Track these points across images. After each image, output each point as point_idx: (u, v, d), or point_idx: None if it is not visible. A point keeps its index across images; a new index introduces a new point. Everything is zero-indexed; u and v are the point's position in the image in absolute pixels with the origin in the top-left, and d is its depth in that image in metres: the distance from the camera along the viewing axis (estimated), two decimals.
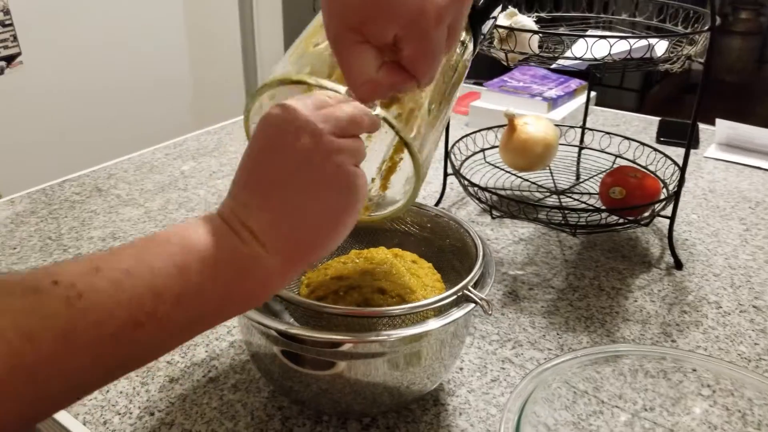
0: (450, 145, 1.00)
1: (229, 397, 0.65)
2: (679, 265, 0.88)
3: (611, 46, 0.71)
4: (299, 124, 0.43)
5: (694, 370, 0.63)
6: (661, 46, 0.75)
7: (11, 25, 1.54)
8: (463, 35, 0.55)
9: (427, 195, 1.07)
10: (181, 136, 1.31)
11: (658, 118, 1.46)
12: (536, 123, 0.96)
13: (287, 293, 0.56)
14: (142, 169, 1.16)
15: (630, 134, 1.31)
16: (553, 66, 0.78)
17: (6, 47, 1.55)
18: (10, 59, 1.57)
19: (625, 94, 4.33)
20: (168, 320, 0.38)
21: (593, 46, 0.72)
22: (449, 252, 0.68)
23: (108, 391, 0.66)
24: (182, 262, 0.39)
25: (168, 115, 2.09)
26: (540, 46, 0.84)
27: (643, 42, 0.72)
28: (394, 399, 0.60)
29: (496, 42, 0.81)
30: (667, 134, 1.36)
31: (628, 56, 0.72)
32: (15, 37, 1.57)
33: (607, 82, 4.38)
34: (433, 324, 0.54)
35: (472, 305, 0.56)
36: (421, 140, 0.51)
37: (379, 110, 0.48)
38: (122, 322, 0.36)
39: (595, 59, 0.73)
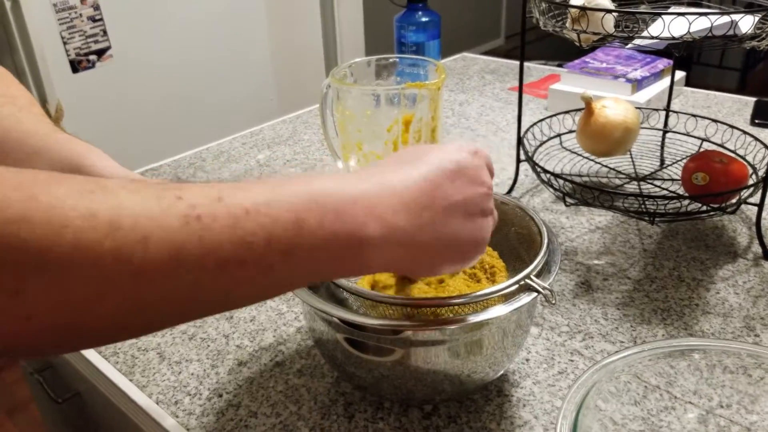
0: (523, 131, 0.97)
1: (294, 381, 0.66)
2: (767, 255, 0.83)
3: (690, 24, 0.67)
4: (482, 174, 0.49)
5: None
6: (746, 22, 0.70)
7: (101, 20, 1.62)
8: None
9: (500, 182, 1.05)
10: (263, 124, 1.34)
11: (755, 99, 1.37)
12: (615, 106, 0.92)
13: (349, 283, 0.57)
14: (219, 158, 1.19)
15: (722, 116, 1.24)
16: (630, 46, 0.74)
17: (96, 41, 1.63)
18: (100, 53, 1.65)
19: (727, 74, 4.11)
20: (273, 269, 0.38)
21: (671, 24, 0.68)
22: (515, 240, 0.67)
23: (180, 372, 0.68)
24: (303, 216, 0.38)
25: (251, 105, 2.14)
26: (616, 26, 0.81)
27: (726, 18, 0.68)
28: (455, 387, 0.59)
29: (568, 23, 0.78)
30: (763, 116, 1.28)
31: (710, 34, 0.68)
32: (105, 32, 1.65)
33: (705, 61, 4.17)
34: (492, 312, 0.53)
35: (534, 294, 0.54)
36: None
37: None
38: (230, 256, 0.35)
39: (674, 38, 0.70)
